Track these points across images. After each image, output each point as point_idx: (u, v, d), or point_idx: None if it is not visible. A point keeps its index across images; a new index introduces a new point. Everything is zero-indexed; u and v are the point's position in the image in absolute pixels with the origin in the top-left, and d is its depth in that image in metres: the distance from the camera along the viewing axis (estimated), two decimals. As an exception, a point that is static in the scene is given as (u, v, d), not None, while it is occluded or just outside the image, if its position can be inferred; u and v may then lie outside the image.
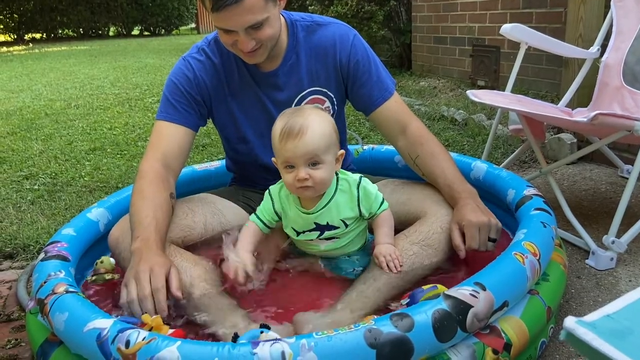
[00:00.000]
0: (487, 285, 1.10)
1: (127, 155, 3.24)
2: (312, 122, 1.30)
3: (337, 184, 1.41)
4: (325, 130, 1.32)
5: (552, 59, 3.26)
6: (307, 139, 1.28)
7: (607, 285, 1.58)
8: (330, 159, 1.34)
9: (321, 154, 1.31)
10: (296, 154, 1.31)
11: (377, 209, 1.41)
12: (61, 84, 6.13)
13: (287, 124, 1.30)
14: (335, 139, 1.35)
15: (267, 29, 1.38)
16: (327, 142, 1.32)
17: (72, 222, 1.59)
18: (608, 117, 1.54)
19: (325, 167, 1.33)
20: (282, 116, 1.36)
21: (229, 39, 1.39)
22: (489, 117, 3.23)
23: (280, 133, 1.31)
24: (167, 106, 1.53)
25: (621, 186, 2.30)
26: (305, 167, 1.31)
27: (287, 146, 1.31)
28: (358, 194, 1.41)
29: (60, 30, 16.20)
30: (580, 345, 0.58)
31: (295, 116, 1.32)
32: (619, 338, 0.58)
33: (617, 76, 2.10)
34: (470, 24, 4.17)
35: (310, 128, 1.29)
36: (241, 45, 1.38)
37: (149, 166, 1.46)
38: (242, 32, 1.35)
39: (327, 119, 1.37)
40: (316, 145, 1.30)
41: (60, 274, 1.28)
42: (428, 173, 1.53)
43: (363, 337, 0.97)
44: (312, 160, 1.31)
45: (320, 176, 1.33)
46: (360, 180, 1.43)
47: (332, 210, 1.40)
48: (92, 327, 1.05)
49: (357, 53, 1.55)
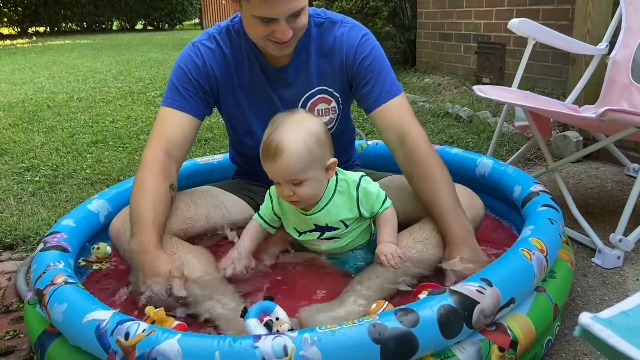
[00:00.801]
0: (494, 281, 1.08)
1: (130, 148, 3.23)
2: (289, 142, 1.25)
3: (337, 185, 1.39)
4: (302, 151, 1.25)
5: (559, 56, 3.23)
6: (282, 163, 1.26)
7: (613, 284, 1.56)
8: (315, 175, 1.30)
9: (300, 175, 1.28)
10: (275, 176, 1.31)
11: (379, 208, 1.39)
12: (64, 77, 6.11)
13: (266, 142, 1.28)
14: (317, 154, 1.29)
15: (303, 17, 1.38)
16: (304, 163, 1.26)
17: (72, 213, 1.58)
18: (618, 113, 1.51)
19: (309, 183, 1.30)
20: (270, 125, 1.32)
21: (266, 30, 1.35)
22: (494, 115, 3.20)
23: (261, 149, 1.30)
24: (174, 93, 1.51)
25: (628, 185, 2.27)
26: (289, 185, 1.30)
27: (266, 166, 1.31)
28: (357, 195, 1.38)
29: (64, 24, 16.16)
30: (596, 342, 0.56)
31: (275, 132, 1.28)
32: (636, 335, 0.56)
33: (626, 73, 2.08)
34: (476, 21, 4.13)
35: (285, 151, 1.25)
36: (281, 34, 1.35)
37: (152, 156, 1.44)
38: (283, 20, 1.33)
39: (307, 136, 1.27)
40: (291, 169, 1.26)
41: (60, 265, 1.26)
42: (422, 198, 1.43)
43: (367, 332, 0.95)
44: (292, 181, 1.29)
45: (305, 193, 1.31)
46: (361, 181, 1.39)
47: (330, 211, 1.38)
48: (92, 319, 1.04)
49: (363, 52, 1.50)
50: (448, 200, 1.37)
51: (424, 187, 1.41)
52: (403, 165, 1.48)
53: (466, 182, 1.57)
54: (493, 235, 1.68)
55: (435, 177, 1.40)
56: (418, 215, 1.46)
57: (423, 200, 1.42)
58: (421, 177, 1.41)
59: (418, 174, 1.42)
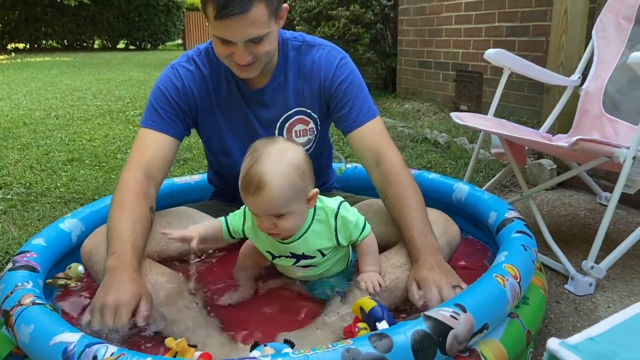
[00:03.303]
0: (468, 307, 1.08)
1: (106, 167, 3.19)
2: (271, 177, 1.19)
3: (315, 213, 1.35)
4: (284, 185, 1.21)
5: (534, 86, 3.32)
6: (264, 198, 1.20)
7: (585, 311, 1.58)
8: (297, 207, 1.26)
9: (282, 209, 1.23)
10: (255, 210, 1.26)
11: (357, 235, 1.36)
12: (42, 94, 6.05)
13: (246, 175, 1.21)
14: (299, 187, 1.24)
15: (266, 44, 1.36)
16: (287, 197, 1.22)
17: (43, 232, 1.54)
18: (589, 142, 1.55)
19: (290, 216, 1.26)
20: (249, 155, 1.25)
21: (226, 50, 1.36)
22: (471, 141, 3.25)
23: (240, 182, 1.24)
24: (153, 114, 1.50)
25: (600, 213, 2.32)
26: (269, 218, 1.25)
27: (246, 200, 1.25)
28: (336, 224, 1.34)
29: (44, 41, 16.06)
30: (563, 368, 0.56)
31: (256, 164, 1.21)
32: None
33: (597, 104, 2.14)
34: (454, 50, 4.23)
35: (267, 185, 1.19)
36: (237, 58, 1.36)
37: (131, 177, 1.42)
38: (241, 44, 1.33)
39: (289, 169, 1.22)
40: (274, 204, 1.22)
41: (28, 285, 1.23)
42: (394, 217, 1.43)
43: (341, 357, 0.94)
44: (274, 214, 1.25)
45: (286, 225, 1.27)
46: (339, 209, 1.35)
47: (308, 240, 1.35)
48: (59, 341, 1.01)
49: (341, 75, 1.52)
50: (418, 222, 1.37)
51: (396, 208, 1.42)
52: (378, 186, 1.49)
53: (442, 207, 1.59)
54: (469, 259, 1.69)
55: (407, 198, 1.41)
56: (396, 239, 1.46)
57: (395, 220, 1.43)
58: (394, 197, 1.43)
59: (391, 193, 1.43)
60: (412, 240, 1.35)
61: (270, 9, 1.31)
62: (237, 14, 1.26)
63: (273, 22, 1.35)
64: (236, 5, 1.25)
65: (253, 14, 1.27)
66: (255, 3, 1.27)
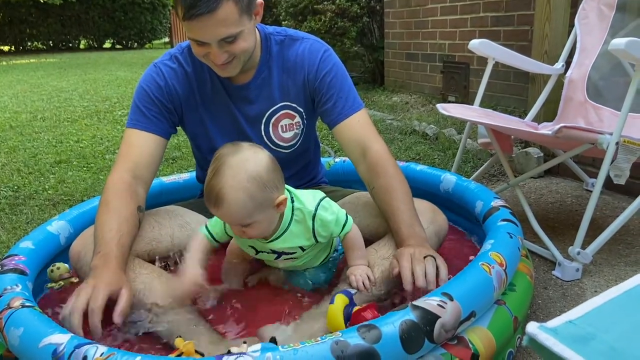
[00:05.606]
0: (455, 295, 1.10)
1: (94, 168, 3.17)
2: (229, 191, 1.16)
3: (292, 213, 1.33)
4: (243, 199, 1.17)
5: (520, 75, 3.34)
6: (224, 211, 1.19)
7: (573, 296, 1.60)
8: (262, 216, 1.23)
9: (245, 220, 1.22)
10: (221, 220, 1.27)
11: (339, 232, 1.34)
12: (28, 96, 6.00)
13: (207, 187, 1.19)
14: (260, 199, 1.19)
15: (241, 42, 1.35)
16: (247, 210, 1.19)
17: (31, 235, 1.54)
18: (572, 130, 1.57)
19: (257, 224, 1.24)
20: (212, 162, 1.21)
21: (201, 50, 1.36)
22: (459, 132, 3.27)
23: (204, 191, 1.22)
24: (138, 114, 1.50)
25: (586, 199, 2.33)
26: (237, 226, 1.25)
27: (210, 210, 1.23)
28: (313, 226, 1.32)
29: (29, 43, 15.90)
30: (542, 350, 0.57)
31: (216, 176, 1.17)
32: (580, 343, 0.58)
33: (581, 91, 2.16)
34: (440, 41, 4.24)
35: (225, 200, 1.17)
36: (213, 57, 1.36)
37: (118, 177, 1.42)
38: (215, 44, 1.32)
39: (248, 183, 1.17)
40: (235, 217, 1.21)
41: (17, 288, 1.23)
42: (381, 209, 1.44)
43: (330, 349, 0.95)
44: (239, 224, 1.24)
45: (254, 232, 1.26)
46: (316, 210, 1.31)
47: (287, 239, 1.34)
48: (48, 343, 1.01)
49: (325, 68, 1.52)
50: (405, 213, 1.37)
51: (383, 199, 1.42)
52: (365, 178, 1.50)
53: (430, 198, 1.60)
54: (457, 249, 1.70)
55: (393, 189, 1.41)
56: (385, 231, 1.47)
57: (383, 211, 1.43)
58: (381, 189, 1.43)
59: (378, 185, 1.44)
60: (400, 232, 1.35)
61: (240, 6, 1.29)
62: (205, 13, 1.24)
63: (246, 19, 1.33)
64: (202, 5, 1.24)
65: (221, 13, 1.26)
66: (222, 1, 1.25)
